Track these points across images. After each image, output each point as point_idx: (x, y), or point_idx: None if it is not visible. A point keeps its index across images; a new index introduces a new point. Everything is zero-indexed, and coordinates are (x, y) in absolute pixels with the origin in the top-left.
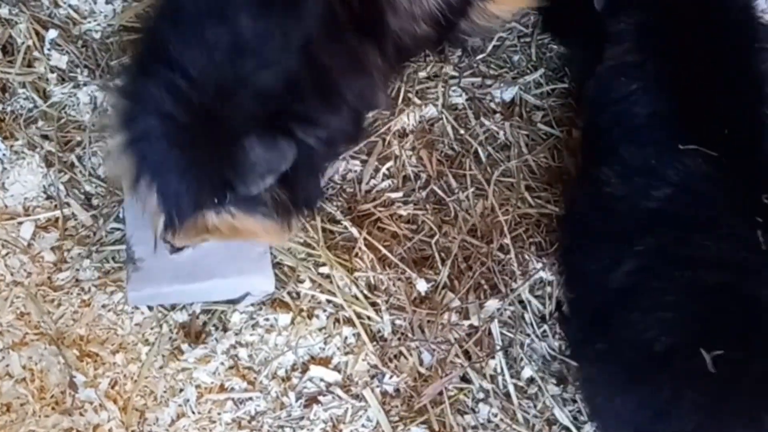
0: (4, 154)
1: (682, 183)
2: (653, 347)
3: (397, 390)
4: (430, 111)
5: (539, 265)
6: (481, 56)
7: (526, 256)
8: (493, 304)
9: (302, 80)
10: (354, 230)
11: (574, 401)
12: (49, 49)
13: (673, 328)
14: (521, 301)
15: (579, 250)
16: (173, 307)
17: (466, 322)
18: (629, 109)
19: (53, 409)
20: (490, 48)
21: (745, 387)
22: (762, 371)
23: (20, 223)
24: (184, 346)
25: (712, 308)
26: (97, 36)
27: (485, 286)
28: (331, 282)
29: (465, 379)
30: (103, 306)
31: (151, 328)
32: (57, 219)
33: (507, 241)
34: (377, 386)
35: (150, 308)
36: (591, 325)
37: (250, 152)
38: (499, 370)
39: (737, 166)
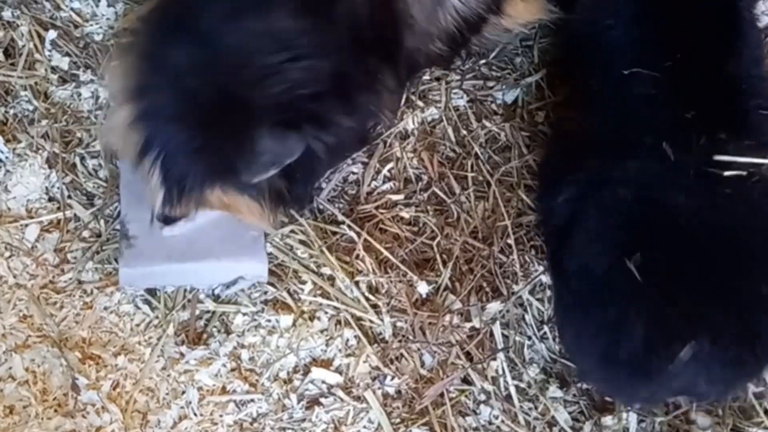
0: (6, 157)
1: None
2: (594, 271)
3: (399, 392)
4: (432, 113)
5: (540, 268)
6: (483, 60)
7: (527, 258)
8: (494, 306)
9: (326, 83)
10: (354, 233)
11: (575, 403)
12: (50, 50)
13: (605, 249)
14: (522, 304)
15: (543, 188)
16: (173, 307)
17: (468, 324)
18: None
19: (56, 411)
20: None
21: (683, 287)
22: (691, 270)
23: (23, 226)
24: (184, 348)
25: (637, 222)
26: (99, 38)
27: (486, 288)
28: (332, 285)
29: (466, 380)
30: (105, 308)
31: (156, 327)
32: (59, 221)
33: (510, 241)
34: (378, 388)
35: (152, 308)
36: (550, 261)
37: (260, 143)
38: (500, 372)
39: (672, 89)
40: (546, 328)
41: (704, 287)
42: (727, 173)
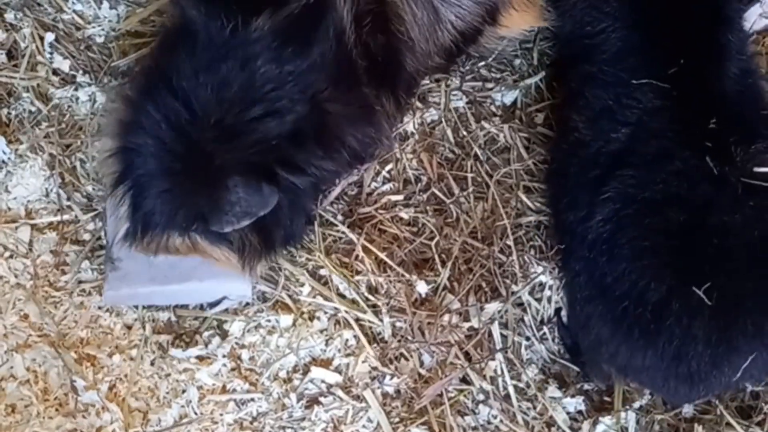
0: (9, 158)
1: (638, 121)
2: (646, 296)
3: (398, 391)
4: (431, 114)
5: (539, 269)
6: (482, 63)
7: (526, 259)
8: (493, 306)
9: (305, 129)
10: (353, 235)
11: (573, 403)
12: (51, 53)
13: (658, 273)
14: (521, 304)
15: (560, 200)
16: (168, 307)
17: (466, 324)
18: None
19: (57, 410)
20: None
21: (743, 305)
22: (747, 288)
23: (22, 226)
24: (183, 347)
25: (687, 245)
26: (101, 40)
27: (485, 289)
28: (329, 289)
29: (465, 380)
30: (100, 308)
31: (149, 324)
32: (58, 222)
33: (509, 242)
34: (378, 387)
35: (144, 307)
36: (581, 277)
37: (232, 192)
38: (499, 372)
39: (686, 98)
40: (545, 329)
41: (759, 301)
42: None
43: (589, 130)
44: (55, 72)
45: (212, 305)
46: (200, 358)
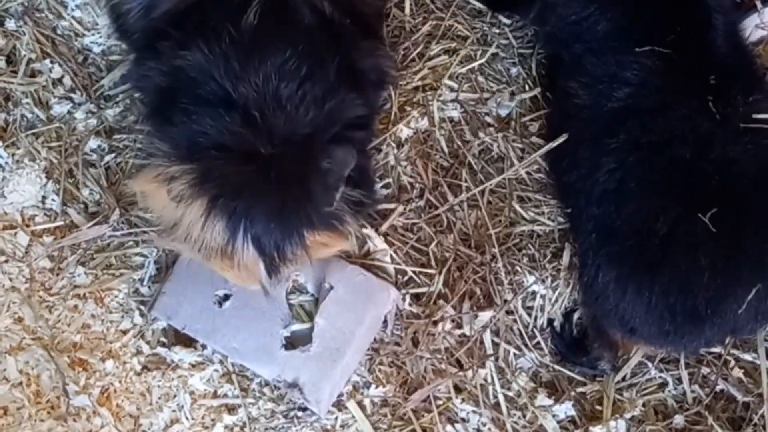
0: (6, 162)
1: (640, 81)
2: (653, 230)
3: (385, 400)
4: (425, 123)
5: (531, 279)
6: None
7: (518, 268)
8: (486, 314)
9: (342, 87)
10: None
11: (563, 411)
12: (51, 62)
13: (668, 206)
14: (513, 312)
15: (560, 164)
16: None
17: (458, 331)
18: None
19: (48, 413)
20: (484, 60)
21: (745, 237)
22: (750, 218)
23: (18, 231)
24: (176, 349)
25: (692, 177)
26: (98, 50)
27: (479, 296)
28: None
29: (456, 388)
30: (93, 316)
31: (143, 330)
32: (55, 227)
33: (503, 250)
34: (366, 396)
35: (142, 314)
36: (594, 234)
37: (322, 168)
38: (489, 380)
39: (687, 60)
40: (538, 338)
41: (763, 233)
42: None
43: (589, 93)
44: (54, 83)
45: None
46: (193, 365)
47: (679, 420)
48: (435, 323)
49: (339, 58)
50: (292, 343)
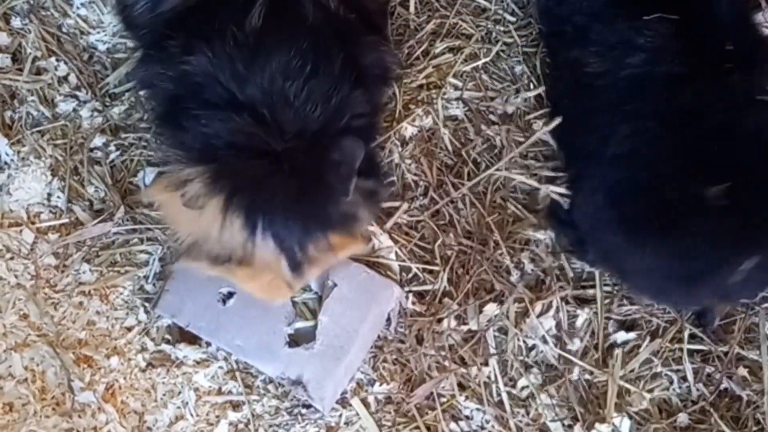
0: (12, 160)
1: (653, 47)
2: (664, 198)
3: (389, 397)
4: (430, 121)
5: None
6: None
7: (523, 262)
8: (490, 308)
9: (347, 82)
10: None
11: (569, 409)
12: (57, 60)
13: (677, 174)
14: (517, 309)
15: (575, 129)
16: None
17: (464, 327)
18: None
19: (54, 410)
20: (490, 59)
21: (751, 210)
22: (755, 194)
23: (24, 228)
24: (181, 346)
25: (709, 146)
26: (103, 48)
27: (483, 293)
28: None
29: (459, 385)
30: (98, 312)
31: (148, 327)
32: (60, 224)
33: (503, 247)
34: (370, 393)
35: (146, 311)
36: (599, 194)
37: (333, 160)
38: (492, 378)
39: (698, 27)
40: (543, 332)
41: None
42: None
43: (603, 62)
44: (59, 80)
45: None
46: (197, 362)
47: (683, 418)
48: (439, 320)
49: (343, 53)
50: (295, 340)
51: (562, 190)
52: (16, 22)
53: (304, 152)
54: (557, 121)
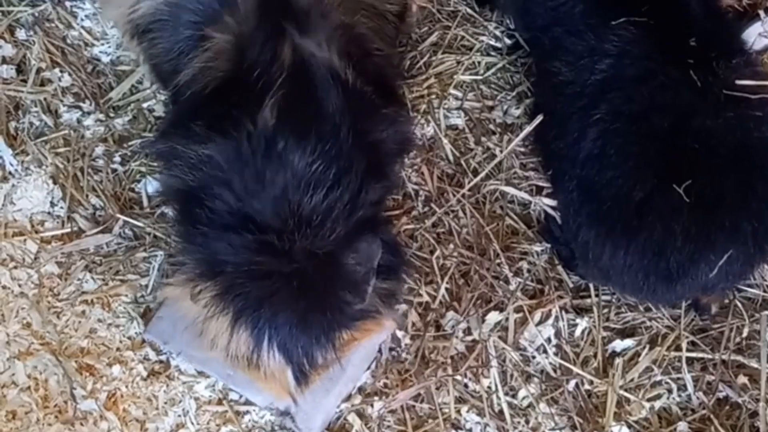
0: (16, 170)
1: (620, 52)
2: (630, 196)
3: (390, 411)
4: (431, 130)
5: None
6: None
7: (522, 269)
8: (493, 317)
9: (363, 178)
10: None
11: (568, 419)
12: (61, 71)
13: (644, 175)
14: (516, 318)
15: (548, 134)
16: None
17: (468, 337)
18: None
19: (56, 417)
20: (492, 71)
21: (721, 204)
22: (728, 186)
23: (27, 237)
24: (179, 360)
25: (670, 148)
26: (107, 60)
27: (482, 303)
28: None
29: (460, 397)
30: (100, 321)
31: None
32: (62, 233)
33: (502, 257)
34: (369, 404)
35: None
36: (574, 193)
37: (350, 268)
38: (493, 388)
39: (665, 25)
40: (542, 342)
41: (737, 203)
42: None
43: (573, 70)
44: (63, 91)
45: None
46: (199, 372)
47: (683, 427)
48: (439, 328)
49: (361, 143)
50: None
51: (553, 202)
52: (21, 34)
53: (314, 269)
54: (539, 118)
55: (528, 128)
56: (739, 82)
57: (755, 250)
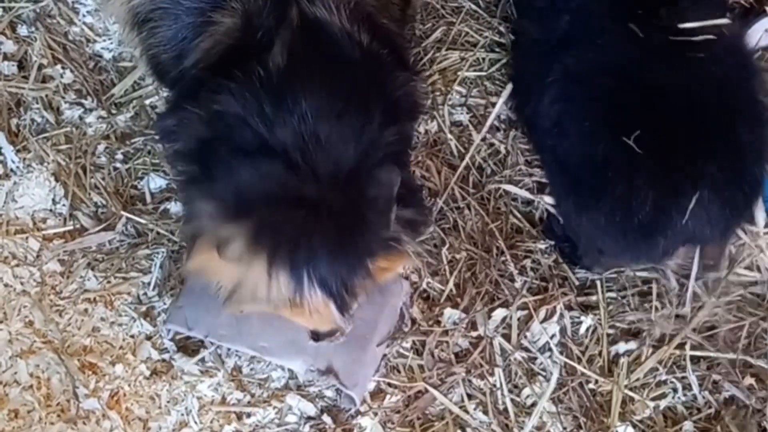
0: (17, 167)
1: (577, 6)
2: (592, 159)
3: (397, 406)
4: (435, 125)
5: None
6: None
7: (526, 267)
8: (499, 314)
9: (379, 119)
10: None
11: (573, 418)
12: (63, 68)
13: (599, 134)
14: (521, 315)
15: (522, 102)
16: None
17: (473, 333)
18: None
19: (59, 416)
20: (496, 67)
21: (678, 149)
22: (682, 131)
23: (29, 235)
24: (186, 358)
25: (623, 105)
26: (109, 56)
27: (488, 299)
28: None
29: (468, 395)
30: (102, 319)
31: (150, 335)
32: (64, 231)
33: (507, 254)
34: (377, 402)
35: (151, 318)
36: (552, 164)
37: (372, 195)
38: (498, 386)
39: None
40: (546, 339)
41: (695, 145)
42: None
43: (538, 28)
44: (65, 88)
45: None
46: (202, 371)
47: (688, 427)
48: (440, 323)
49: (377, 90)
50: (316, 336)
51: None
52: (22, 30)
53: (340, 194)
54: (509, 88)
55: (501, 99)
56: (681, 25)
57: (727, 189)
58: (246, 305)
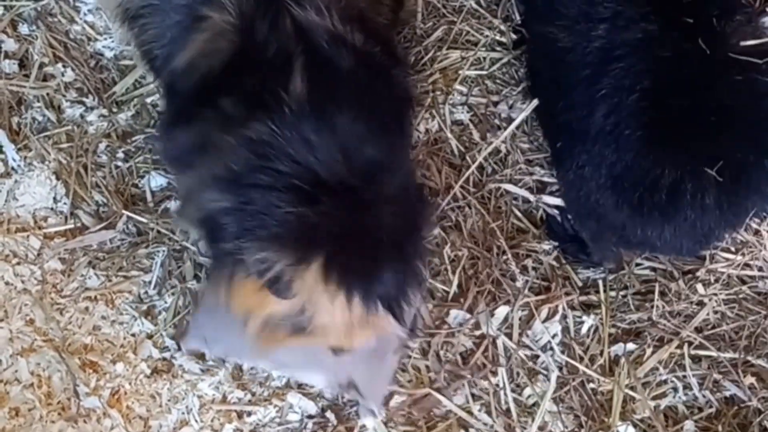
0: (19, 165)
1: (614, 14)
2: (660, 182)
3: (401, 406)
4: (436, 125)
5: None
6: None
7: (528, 266)
8: (502, 312)
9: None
10: None
11: (574, 417)
12: (64, 66)
13: (667, 159)
14: (523, 314)
15: (555, 105)
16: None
17: (476, 332)
18: None
19: (59, 414)
20: (497, 66)
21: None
22: (749, 159)
23: (30, 233)
24: (184, 357)
25: (688, 127)
26: (110, 55)
27: (489, 298)
28: None
29: (473, 394)
30: (103, 318)
31: (151, 334)
32: (65, 229)
33: (508, 253)
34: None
35: (152, 317)
36: (584, 169)
37: (413, 202)
38: (501, 385)
39: None
40: (548, 338)
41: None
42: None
43: (570, 35)
44: (66, 86)
45: None
46: (203, 370)
47: (689, 426)
48: (445, 322)
49: (386, 96)
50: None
51: (555, 201)
52: (23, 29)
53: (392, 217)
54: (534, 103)
55: (523, 114)
56: (743, 43)
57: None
58: (317, 339)
